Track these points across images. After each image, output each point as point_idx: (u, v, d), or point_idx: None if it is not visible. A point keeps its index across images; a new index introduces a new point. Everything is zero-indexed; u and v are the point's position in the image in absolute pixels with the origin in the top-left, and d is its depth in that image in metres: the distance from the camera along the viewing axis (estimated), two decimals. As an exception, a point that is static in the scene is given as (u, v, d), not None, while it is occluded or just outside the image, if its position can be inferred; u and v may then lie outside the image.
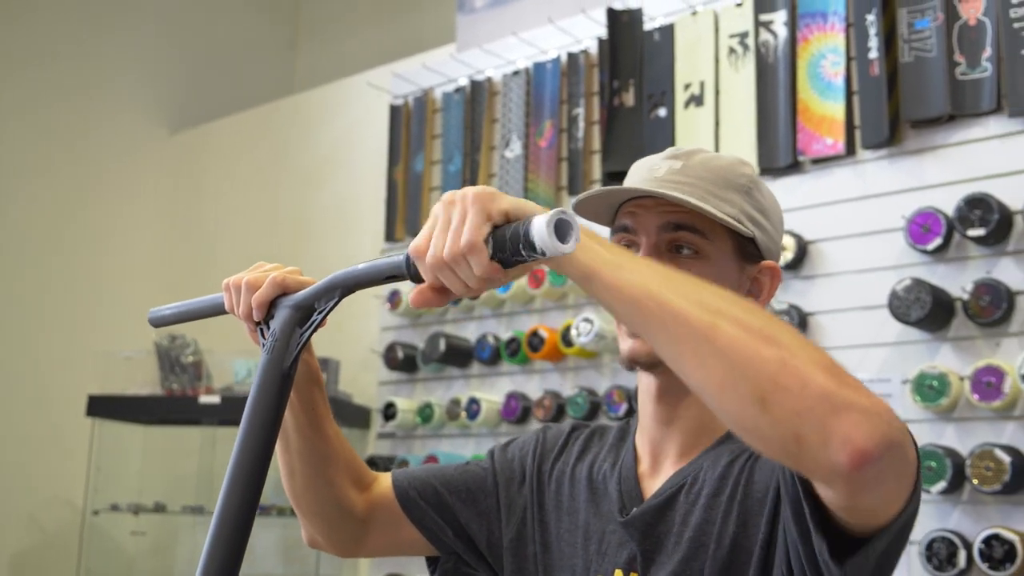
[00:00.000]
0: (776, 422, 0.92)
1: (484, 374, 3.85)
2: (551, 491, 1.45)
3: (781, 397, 0.91)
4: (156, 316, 1.43)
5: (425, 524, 1.48)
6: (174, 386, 4.28)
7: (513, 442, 1.55)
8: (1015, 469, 2.62)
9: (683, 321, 0.96)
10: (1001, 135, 2.87)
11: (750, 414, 0.93)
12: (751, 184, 1.35)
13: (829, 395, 0.91)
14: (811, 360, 0.93)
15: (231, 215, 5.26)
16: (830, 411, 0.90)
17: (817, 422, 0.90)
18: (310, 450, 1.42)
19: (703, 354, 0.95)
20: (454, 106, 4.13)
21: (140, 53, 5.39)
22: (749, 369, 0.93)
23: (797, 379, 0.91)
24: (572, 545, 1.39)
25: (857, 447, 0.90)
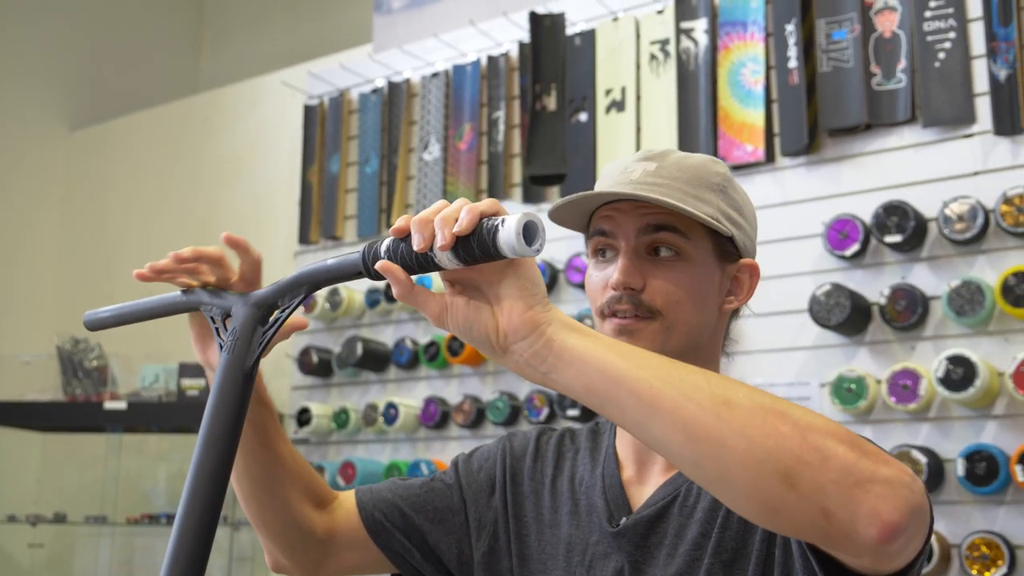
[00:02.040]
0: (803, 499, 0.89)
1: (402, 379, 3.81)
2: (530, 503, 1.41)
3: (806, 472, 0.89)
4: (93, 319, 1.36)
5: (391, 547, 1.44)
6: (77, 391, 4.14)
7: (477, 452, 1.51)
8: (931, 470, 2.68)
9: (694, 413, 0.93)
10: (916, 144, 2.95)
11: (776, 494, 0.90)
12: (725, 182, 1.34)
13: (851, 468, 0.89)
14: (828, 433, 0.91)
15: (135, 215, 5.12)
16: (854, 484, 0.89)
17: (843, 496, 0.89)
18: (260, 471, 1.36)
19: (719, 441, 0.91)
20: (371, 107, 4.08)
21: (39, 47, 5.21)
22: (770, 447, 0.90)
23: (818, 453, 0.90)
24: (554, 558, 1.35)
25: (885, 521, 0.89)
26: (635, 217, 1.29)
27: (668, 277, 1.28)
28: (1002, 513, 2.67)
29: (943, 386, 2.67)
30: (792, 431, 0.91)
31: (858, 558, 0.94)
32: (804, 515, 0.90)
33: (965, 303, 2.72)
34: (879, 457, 0.92)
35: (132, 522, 4.16)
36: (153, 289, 1.28)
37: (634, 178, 1.30)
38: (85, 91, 5.41)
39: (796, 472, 0.89)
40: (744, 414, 0.92)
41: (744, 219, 1.35)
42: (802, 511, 0.90)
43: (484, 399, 3.55)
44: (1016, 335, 2.73)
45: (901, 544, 0.91)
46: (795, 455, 0.90)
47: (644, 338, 1.27)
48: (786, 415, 0.92)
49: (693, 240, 1.29)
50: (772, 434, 0.91)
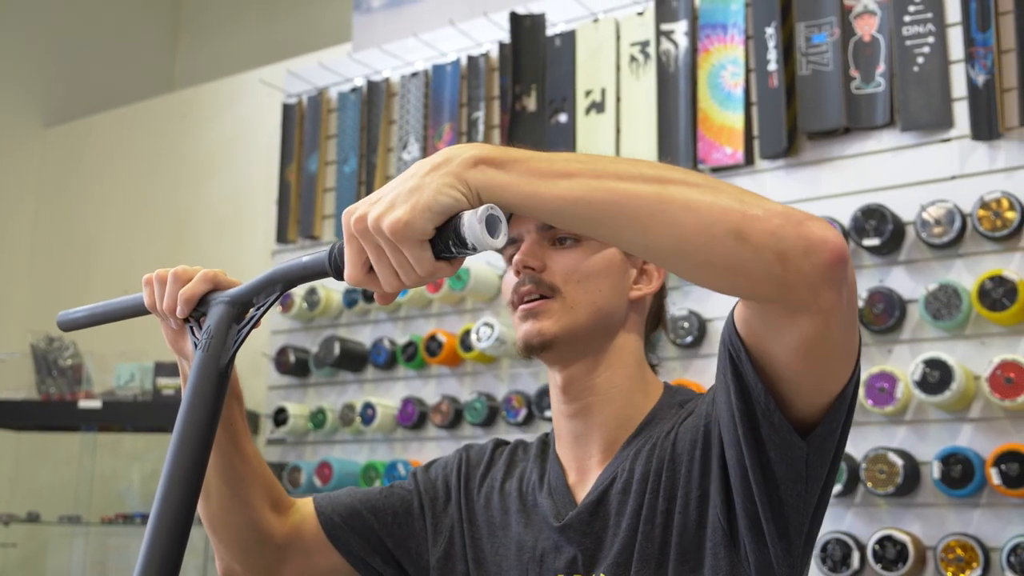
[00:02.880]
0: (757, 248, 0.96)
1: (379, 379, 3.79)
2: (480, 508, 1.43)
3: (753, 224, 0.96)
4: (66, 319, 1.35)
5: (352, 551, 1.44)
6: (51, 390, 4.10)
7: (435, 463, 1.53)
8: (907, 472, 2.70)
9: (636, 199, 0.97)
10: (894, 148, 2.96)
11: (732, 251, 0.96)
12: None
13: (789, 213, 0.97)
14: (754, 194, 1.00)
15: (110, 213, 5.08)
16: (797, 223, 0.96)
17: (792, 233, 0.95)
18: (228, 468, 1.36)
19: (669, 217, 0.97)
20: (350, 106, 4.07)
21: (14, 42, 5.16)
22: (715, 211, 0.96)
23: (759, 207, 0.97)
24: (507, 559, 1.37)
25: (834, 244, 0.96)
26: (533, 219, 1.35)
27: (567, 257, 1.35)
28: (977, 516, 2.69)
29: (919, 389, 2.69)
30: (728, 196, 0.98)
31: (813, 297, 0.99)
32: (761, 265, 0.96)
33: (942, 307, 2.73)
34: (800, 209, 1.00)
35: (106, 522, 4.13)
36: (129, 287, 1.27)
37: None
38: (60, 87, 5.36)
39: (746, 226, 0.96)
40: (683, 193, 0.98)
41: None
42: (758, 261, 0.96)
43: (462, 400, 3.55)
44: (992, 339, 2.74)
45: (846, 277, 0.99)
46: (739, 212, 0.96)
47: (548, 317, 1.32)
48: (714, 185, 0.99)
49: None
50: (714, 202, 0.97)
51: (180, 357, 1.33)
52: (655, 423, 1.34)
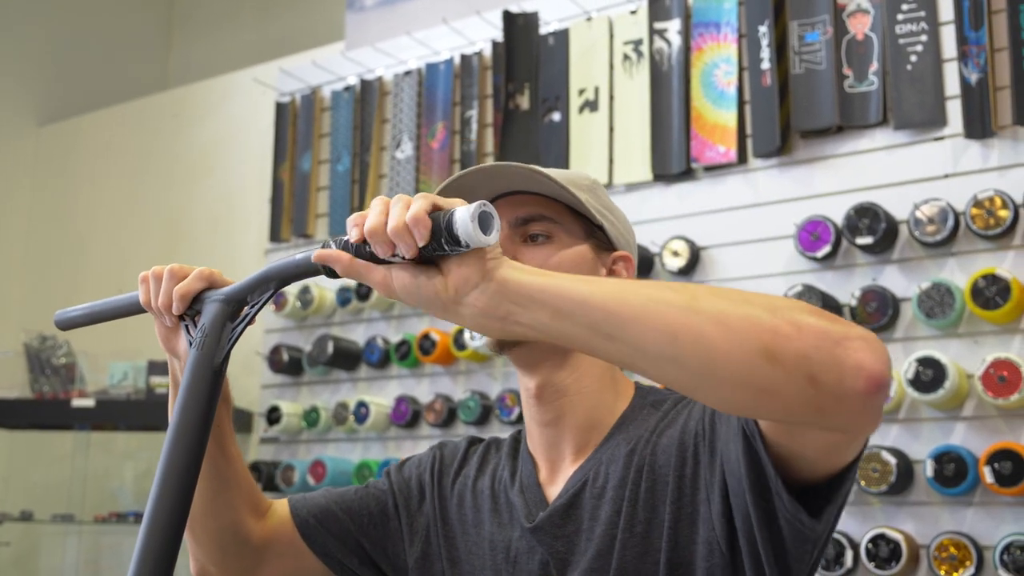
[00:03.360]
0: (788, 371, 0.91)
1: (372, 377, 3.79)
2: (453, 505, 1.43)
3: (786, 344, 0.91)
4: (63, 318, 1.35)
5: (329, 553, 1.44)
6: (45, 389, 4.10)
7: (409, 461, 1.53)
8: (900, 471, 2.70)
9: (666, 312, 0.94)
10: (887, 147, 2.96)
11: (762, 373, 0.92)
12: (594, 185, 1.40)
13: (827, 331, 0.91)
14: (794, 307, 0.94)
15: (104, 212, 5.07)
16: (834, 344, 0.91)
17: (826, 356, 0.90)
18: (212, 471, 1.35)
19: (697, 331, 0.93)
20: (343, 105, 4.06)
21: (8, 41, 5.15)
22: (747, 328, 0.92)
23: (793, 325, 0.92)
24: (480, 557, 1.36)
25: (870, 372, 0.91)
26: (508, 211, 1.34)
27: (539, 253, 1.32)
28: (970, 514, 2.69)
29: (913, 387, 2.69)
30: (762, 311, 0.93)
31: (848, 422, 0.95)
32: (792, 387, 0.91)
33: (935, 305, 2.74)
34: (844, 320, 0.94)
35: (100, 520, 4.13)
36: (123, 286, 1.27)
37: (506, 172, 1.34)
38: (54, 86, 5.35)
39: (777, 346, 0.91)
40: (714, 304, 0.94)
41: (614, 216, 1.40)
42: (790, 384, 0.91)
43: (455, 398, 3.54)
44: (985, 337, 2.75)
45: (884, 398, 0.93)
46: (772, 330, 0.91)
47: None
48: (750, 299, 0.95)
49: (563, 225, 1.34)
50: (746, 316, 0.93)
51: (171, 356, 1.33)
52: (628, 425, 1.32)
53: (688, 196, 3.26)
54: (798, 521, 1.07)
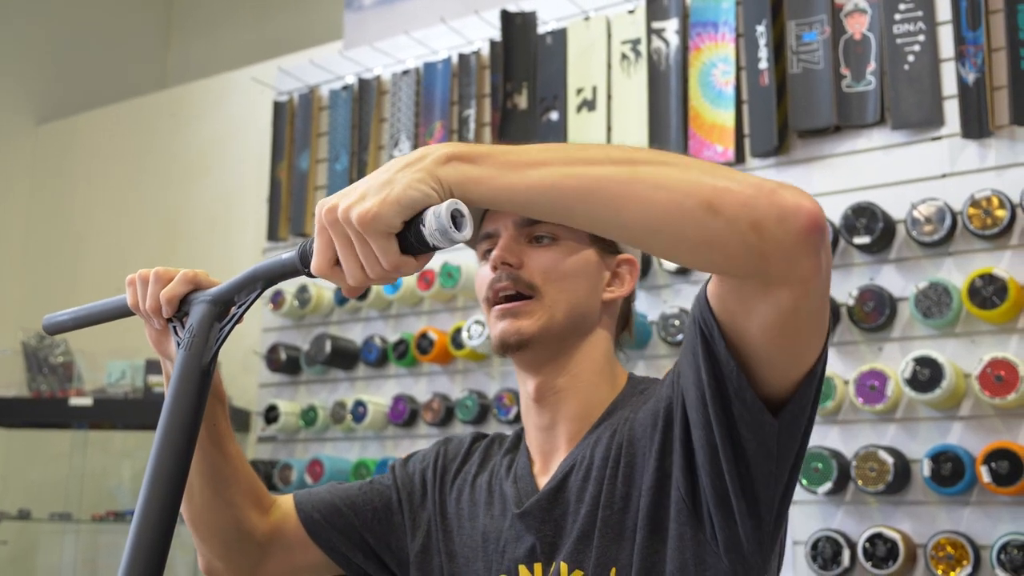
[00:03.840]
0: (731, 220, 0.96)
1: (370, 376, 3.79)
2: (452, 500, 1.44)
3: (726, 196, 0.96)
4: (52, 323, 1.35)
5: (334, 548, 1.45)
6: (42, 387, 4.10)
7: (414, 456, 1.54)
8: (897, 470, 2.70)
9: (607, 181, 0.99)
10: (884, 146, 2.97)
11: (706, 224, 0.97)
12: None
13: (760, 182, 0.98)
14: (722, 167, 1.01)
15: (102, 211, 5.07)
16: (770, 191, 0.97)
17: (765, 202, 0.96)
18: (210, 469, 1.37)
19: (640, 195, 0.98)
20: (341, 104, 4.06)
21: (6, 39, 5.15)
22: (685, 186, 0.97)
23: (729, 179, 0.98)
24: (473, 550, 1.38)
25: (809, 209, 0.97)
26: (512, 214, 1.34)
27: (545, 256, 1.34)
28: (967, 513, 2.69)
29: (910, 387, 2.69)
30: (699, 171, 0.99)
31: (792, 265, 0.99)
32: (736, 235, 0.97)
33: (932, 305, 2.74)
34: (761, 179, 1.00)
35: (97, 519, 4.13)
36: (120, 285, 1.27)
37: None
38: (52, 85, 5.35)
39: (718, 198, 0.97)
40: (654, 172, 0.99)
41: None
42: (733, 232, 0.97)
43: (453, 397, 3.54)
44: (982, 337, 2.75)
45: (821, 237, 0.98)
46: (710, 186, 0.97)
47: (527, 317, 1.32)
48: (683, 161, 1.00)
49: (569, 229, 1.34)
50: (683, 178, 0.98)
51: (163, 358, 1.34)
52: (617, 411, 1.35)
53: (686, 195, 3.25)
54: (759, 425, 1.10)
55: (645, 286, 3.27)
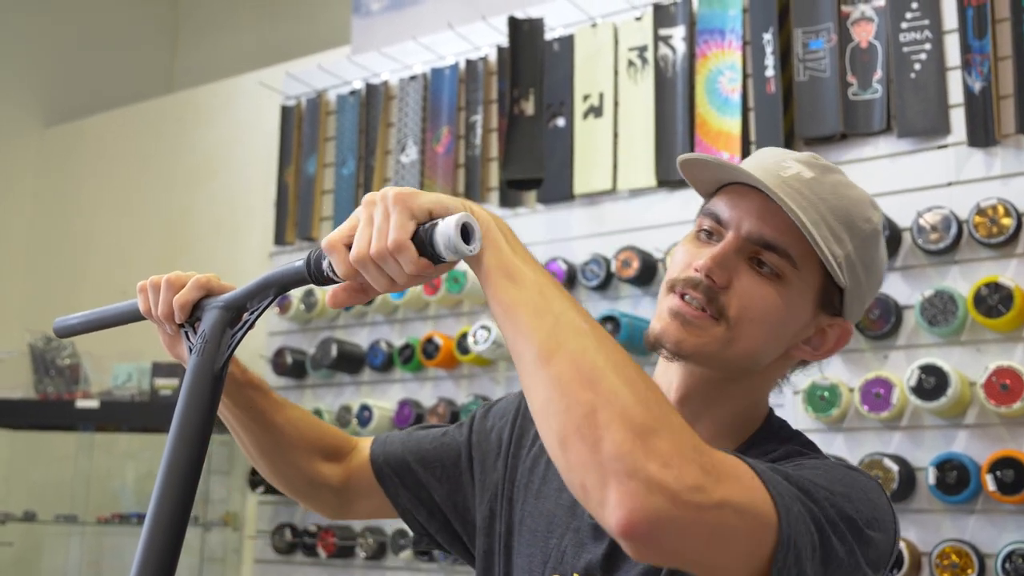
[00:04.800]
0: (570, 466, 0.91)
1: (376, 381, 3.80)
2: (524, 468, 1.37)
3: (577, 445, 0.90)
4: (62, 326, 1.37)
5: (399, 502, 1.45)
6: (49, 389, 4.11)
7: (494, 408, 1.48)
8: (902, 478, 2.70)
9: (528, 343, 0.96)
10: (891, 154, 2.97)
11: (554, 450, 0.93)
12: (873, 233, 1.22)
13: (621, 456, 0.88)
14: (623, 414, 0.90)
15: (108, 213, 5.08)
16: (613, 473, 0.88)
17: (599, 480, 0.89)
18: (262, 441, 1.41)
19: (535, 381, 0.95)
20: (349, 109, 4.07)
21: (15, 42, 5.17)
22: (561, 409, 0.92)
23: (596, 433, 0.89)
24: (533, 532, 1.32)
25: (624, 518, 0.88)
26: (755, 218, 1.19)
27: (757, 290, 1.18)
28: (972, 522, 2.69)
29: (915, 395, 2.69)
30: (587, 402, 0.91)
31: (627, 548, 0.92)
32: (571, 480, 0.92)
33: (938, 313, 2.74)
34: (663, 458, 0.89)
35: (102, 521, 4.14)
36: (126, 287, 1.28)
37: (784, 176, 1.19)
38: (60, 88, 5.37)
39: (569, 442, 0.91)
40: (560, 370, 0.94)
41: (868, 280, 1.24)
42: (570, 475, 0.92)
43: (458, 402, 3.55)
44: (988, 345, 2.75)
45: (651, 547, 0.89)
46: (575, 426, 0.91)
47: (699, 336, 1.18)
48: (597, 385, 0.92)
49: (801, 272, 1.19)
50: (568, 398, 0.92)
51: (179, 360, 1.35)
52: (748, 451, 1.22)
53: (692, 202, 3.26)
54: None
55: (651, 292, 3.28)
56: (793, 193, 1.17)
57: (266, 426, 1.40)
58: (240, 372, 1.36)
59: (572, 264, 3.38)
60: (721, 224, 1.21)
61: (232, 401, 1.36)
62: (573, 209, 3.50)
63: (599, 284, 3.30)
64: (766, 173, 1.19)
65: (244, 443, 1.42)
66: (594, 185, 3.44)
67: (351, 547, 3.69)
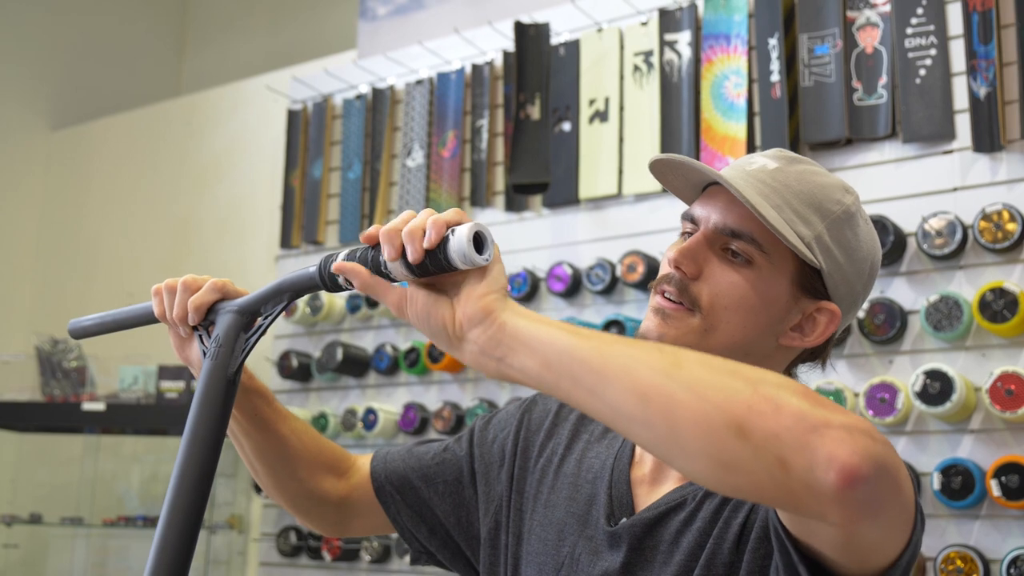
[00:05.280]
0: (757, 449, 0.86)
1: (381, 384, 3.81)
2: (534, 479, 1.37)
3: (758, 421, 0.86)
4: (77, 327, 1.38)
5: (399, 521, 1.45)
6: (55, 392, 4.13)
7: (495, 420, 1.48)
8: (907, 483, 2.70)
9: (643, 373, 0.91)
10: (896, 160, 2.98)
11: (730, 447, 0.87)
12: (844, 216, 1.23)
13: (805, 414, 0.86)
14: (780, 385, 0.89)
15: (115, 217, 5.10)
16: (809, 429, 0.85)
17: (798, 442, 0.85)
18: (266, 452, 1.41)
19: (668, 396, 0.89)
20: (355, 113, 4.09)
21: (22, 46, 5.19)
22: (720, 400, 0.88)
23: (770, 402, 0.86)
24: (544, 541, 1.31)
25: (843, 464, 0.84)
26: (722, 211, 1.22)
27: (725, 277, 1.21)
28: (977, 527, 2.69)
29: (920, 400, 2.70)
30: (743, 384, 0.88)
31: (824, 515, 0.88)
32: (761, 467, 0.86)
33: (943, 318, 2.74)
34: (835, 408, 0.88)
35: (108, 524, 4.15)
36: (133, 290, 1.29)
37: (748, 169, 1.24)
38: (67, 91, 5.39)
39: (749, 422, 0.86)
40: (693, 371, 0.90)
41: (848, 261, 1.23)
42: (758, 463, 0.86)
43: (464, 406, 3.56)
44: (993, 350, 2.75)
45: (866, 496, 0.86)
46: (747, 405, 0.87)
47: (677, 328, 1.20)
48: (737, 371, 0.90)
49: (771, 256, 1.21)
50: (722, 388, 0.88)
51: (191, 367, 1.36)
52: None
53: (697, 207, 3.26)
54: None
55: (656, 297, 3.28)
56: (756, 183, 1.21)
57: (269, 435, 1.39)
58: (247, 378, 1.36)
59: (577, 268, 3.39)
60: (696, 223, 1.25)
61: (238, 407, 1.35)
62: (578, 213, 3.51)
63: (604, 288, 3.30)
64: (733, 169, 1.25)
65: (246, 451, 1.41)
66: (599, 190, 3.45)
67: (356, 550, 3.69)
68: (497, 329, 0.99)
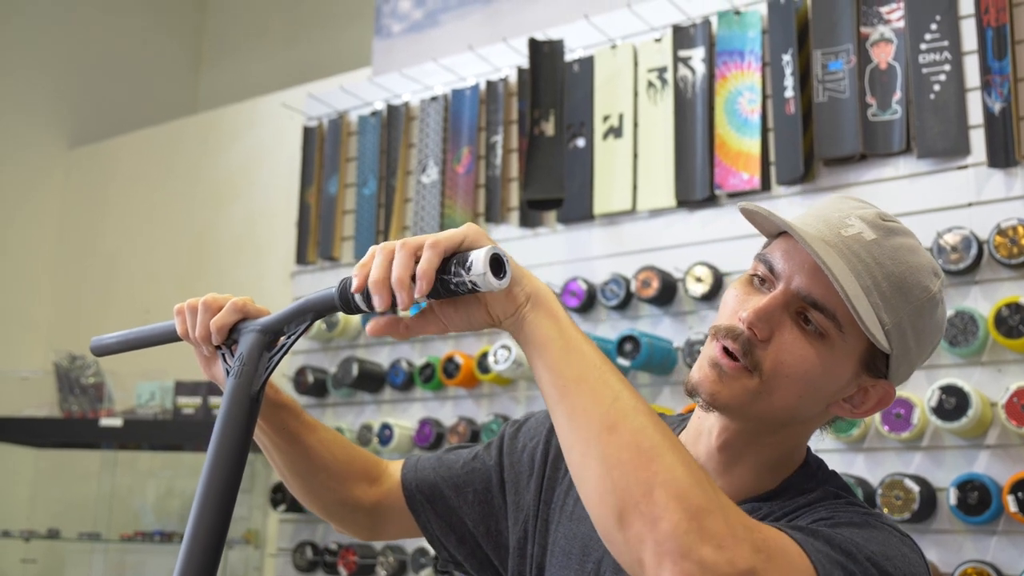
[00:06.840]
0: (628, 543, 0.94)
1: (397, 400, 3.82)
2: (561, 490, 1.37)
3: (636, 522, 0.94)
4: (99, 345, 1.39)
5: (428, 529, 1.46)
6: (73, 408, 4.15)
7: (525, 426, 1.48)
8: (923, 498, 2.70)
9: (587, 418, 1.00)
10: (910, 175, 2.98)
11: (611, 527, 0.96)
12: (928, 303, 1.20)
13: (677, 537, 0.91)
14: (681, 495, 0.93)
15: (132, 234, 5.13)
16: (668, 553, 0.91)
17: (656, 558, 0.92)
18: (294, 463, 1.42)
19: (591, 454, 0.98)
20: (370, 129, 4.11)
21: (40, 64, 5.24)
22: (620, 486, 0.95)
23: (654, 510, 0.93)
24: (568, 555, 1.32)
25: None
26: (806, 275, 1.17)
27: (796, 348, 1.17)
28: (994, 543, 2.68)
29: (936, 415, 2.69)
30: (645, 480, 0.94)
31: None
32: (625, 557, 0.95)
33: (958, 333, 2.74)
34: (717, 539, 0.92)
35: (125, 539, 4.17)
36: (150, 307, 1.31)
37: (845, 235, 1.18)
38: (85, 109, 5.43)
39: (628, 519, 0.94)
40: (617, 445, 0.97)
41: (917, 346, 1.21)
42: (626, 552, 0.95)
43: (479, 421, 3.57)
44: (1009, 366, 2.75)
45: None
46: (634, 502, 0.94)
47: (732, 389, 1.18)
48: (654, 463, 0.95)
49: (846, 334, 1.17)
50: (626, 475, 0.95)
51: (217, 383, 1.37)
52: (786, 493, 1.23)
53: (711, 222, 3.27)
54: None
55: (671, 312, 3.29)
56: (849, 255, 1.16)
57: (299, 447, 1.41)
58: (273, 392, 1.37)
59: (592, 284, 3.39)
60: (774, 274, 1.19)
61: (265, 422, 1.36)
62: (593, 229, 3.52)
63: (619, 304, 3.31)
64: (827, 226, 1.18)
65: (277, 464, 1.42)
66: (614, 205, 3.46)
67: (372, 565, 3.70)
68: (518, 323, 1.09)
